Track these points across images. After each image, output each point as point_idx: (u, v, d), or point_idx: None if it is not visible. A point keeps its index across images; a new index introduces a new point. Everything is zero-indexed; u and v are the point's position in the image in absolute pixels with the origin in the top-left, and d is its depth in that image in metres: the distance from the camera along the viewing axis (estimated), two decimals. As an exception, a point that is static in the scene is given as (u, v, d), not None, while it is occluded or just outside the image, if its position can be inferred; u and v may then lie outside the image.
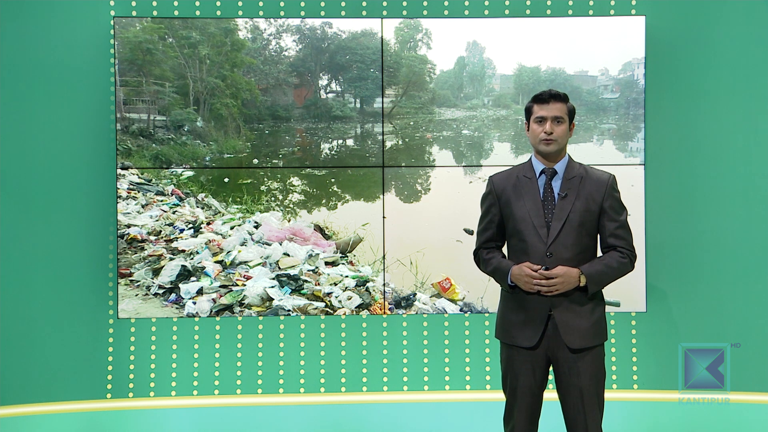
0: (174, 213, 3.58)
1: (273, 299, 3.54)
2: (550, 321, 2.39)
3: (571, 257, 2.39)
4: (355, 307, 3.57)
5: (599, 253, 2.51)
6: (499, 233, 2.55)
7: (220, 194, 3.60)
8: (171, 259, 3.55)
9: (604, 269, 2.40)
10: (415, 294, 3.60)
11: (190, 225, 3.58)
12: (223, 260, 3.57)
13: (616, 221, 2.44)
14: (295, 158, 3.62)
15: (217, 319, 3.59)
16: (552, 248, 2.39)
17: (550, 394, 2.53)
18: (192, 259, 3.55)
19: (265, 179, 3.61)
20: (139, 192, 3.55)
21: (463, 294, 3.59)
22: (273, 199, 3.61)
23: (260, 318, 3.61)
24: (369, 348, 3.65)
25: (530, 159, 2.52)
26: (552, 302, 2.38)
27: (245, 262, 3.57)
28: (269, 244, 3.59)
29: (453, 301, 3.59)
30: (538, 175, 2.47)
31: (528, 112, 2.49)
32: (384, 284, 3.59)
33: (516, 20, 3.59)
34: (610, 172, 2.51)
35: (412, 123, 3.63)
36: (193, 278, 3.54)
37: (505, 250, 2.60)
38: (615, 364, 3.63)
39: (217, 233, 3.59)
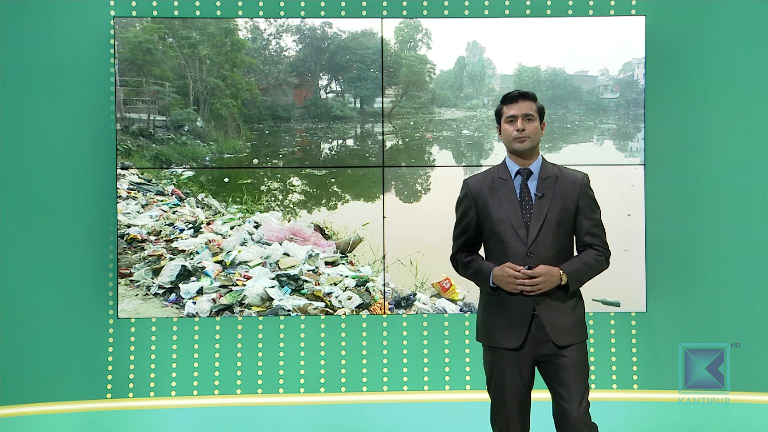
0: (174, 213, 3.58)
1: (273, 299, 3.54)
2: (534, 320, 2.40)
3: (551, 256, 2.40)
4: (355, 307, 3.57)
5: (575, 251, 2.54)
6: (476, 236, 2.54)
7: (220, 194, 3.61)
8: (171, 259, 3.55)
9: (583, 267, 2.43)
10: (415, 294, 3.60)
11: (190, 225, 3.59)
12: (223, 260, 3.57)
13: (592, 219, 2.47)
14: (295, 158, 3.62)
15: (217, 319, 3.59)
16: (532, 248, 2.40)
17: (538, 395, 2.52)
18: (192, 259, 3.55)
19: (265, 179, 3.61)
20: (139, 192, 3.56)
21: (463, 294, 3.59)
22: (273, 199, 3.61)
23: (260, 318, 3.61)
24: (369, 348, 3.65)
25: (504, 160, 2.53)
26: (535, 301, 2.39)
27: (245, 262, 3.57)
28: (269, 244, 3.59)
29: (453, 301, 3.59)
30: (513, 176, 2.48)
31: (498, 114, 2.51)
32: (384, 284, 3.59)
33: (516, 20, 3.59)
34: (583, 171, 2.52)
35: (412, 123, 3.63)
36: (193, 278, 3.54)
37: (482, 252, 2.59)
38: (615, 364, 3.63)
39: (217, 233, 3.59)
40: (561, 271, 2.39)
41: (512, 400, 2.43)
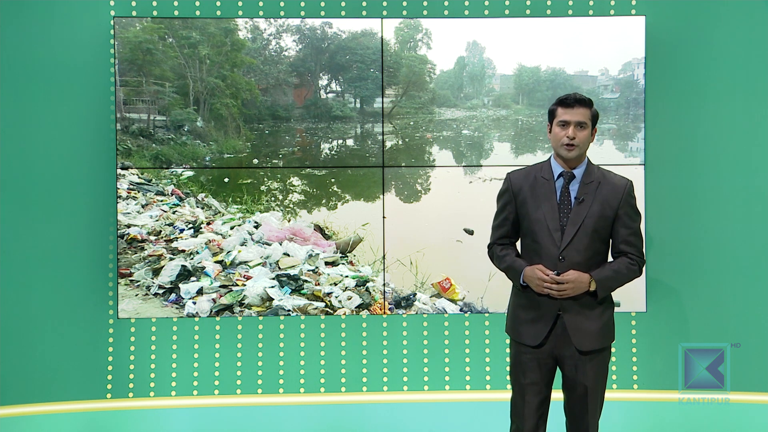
0: (174, 213, 3.58)
1: (273, 299, 3.54)
2: (558, 321, 2.42)
3: (582, 261, 2.42)
4: (355, 307, 3.57)
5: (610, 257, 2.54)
6: (513, 230, 2.58)
7: (220, 194, 3.60)
8: (171, 259, 3.55)
9: (614, 275, 2.44)
10: (415, 294, 3.60)
11: (190, 225, 3.58)
12: (223, 260, 3.57)
13: (630, 228, 2.47)
14: (295, 158, 3.62)
15: (217, 319, 3.59)
16: (565, 252, 2.41)
17: (557, 393, 2.54)
18: (192, 259, 3.55)
19: (265, 179, 3.61)
20: (139, 192, 3.55)
21: (463, 294, 3.59)
22: (273, 199, 3.61)
23: (260, 318, 3.61)
24: (369, 348, 3.65)
25: (549, 160, 2.54)
26: (561, 304, 2.42)
27: (245, 262, 3.57)
28: (269, 244, 3.59)
29: (453, 301, 3.59)
30: (555, 178, 2.49)
31: (551, 114, 2.51)
32: (384, 284, 3.59)
33: (516, 20, 3.59)
34: (627, 177, 2.52)
35: (412, 123, 3.63)
36: (193, 278, 3.54)
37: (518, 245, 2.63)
38: (615, 364, 3.63)
39: (217, 233, 3.59)
40: (590, 278, 2.40)
41: (531, 396, 2.47)
